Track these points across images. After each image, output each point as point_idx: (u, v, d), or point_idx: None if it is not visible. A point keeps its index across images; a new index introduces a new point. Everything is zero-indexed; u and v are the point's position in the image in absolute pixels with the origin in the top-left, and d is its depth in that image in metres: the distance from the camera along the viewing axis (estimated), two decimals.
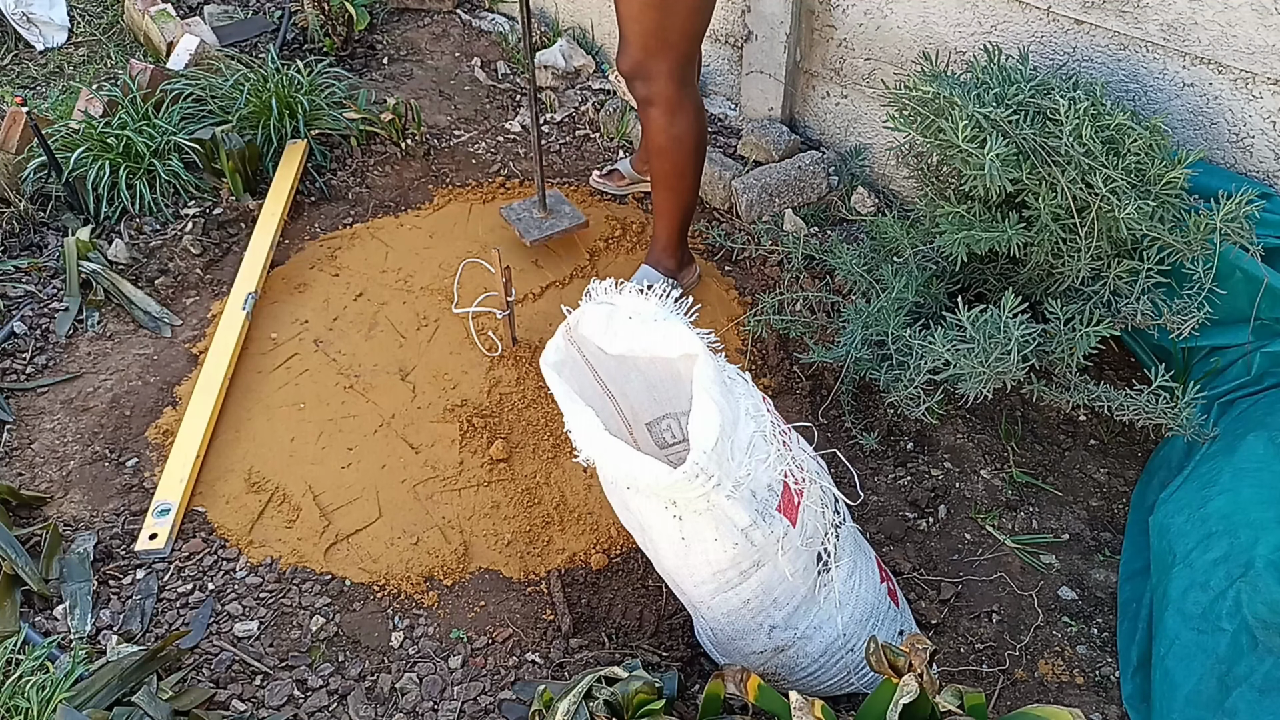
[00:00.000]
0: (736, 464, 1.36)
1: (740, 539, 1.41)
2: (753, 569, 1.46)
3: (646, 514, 1.43)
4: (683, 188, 2.27)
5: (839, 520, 1.59)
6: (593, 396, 1.56)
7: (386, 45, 3.25)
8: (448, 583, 1.89)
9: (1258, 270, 1.87)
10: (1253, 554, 1.56)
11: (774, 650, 1.57)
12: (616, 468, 1.34)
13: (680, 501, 1.35)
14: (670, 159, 2.20)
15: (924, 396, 1.88)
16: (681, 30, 2.03)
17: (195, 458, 2.03)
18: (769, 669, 1.59)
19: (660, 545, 1.47)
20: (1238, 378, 1.96)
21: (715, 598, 1.51)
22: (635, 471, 1.31)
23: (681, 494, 1.32)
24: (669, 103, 2.10)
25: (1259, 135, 1.95)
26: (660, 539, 1.45)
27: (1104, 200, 1.72)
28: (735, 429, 1.38)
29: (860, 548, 1.66)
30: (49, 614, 1.79)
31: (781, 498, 1.45)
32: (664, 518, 1.40)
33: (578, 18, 3.23)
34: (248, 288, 2.37)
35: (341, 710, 1.69)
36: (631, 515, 1.52)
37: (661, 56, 2.04)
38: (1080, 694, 1.74)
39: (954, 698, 1.29)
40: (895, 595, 1.72)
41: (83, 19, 3.33)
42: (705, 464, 1.29)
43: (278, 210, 2.57)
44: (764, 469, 1.41)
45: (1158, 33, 1.98)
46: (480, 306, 2.38)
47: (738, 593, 1.50)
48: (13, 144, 2.60)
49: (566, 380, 1.43)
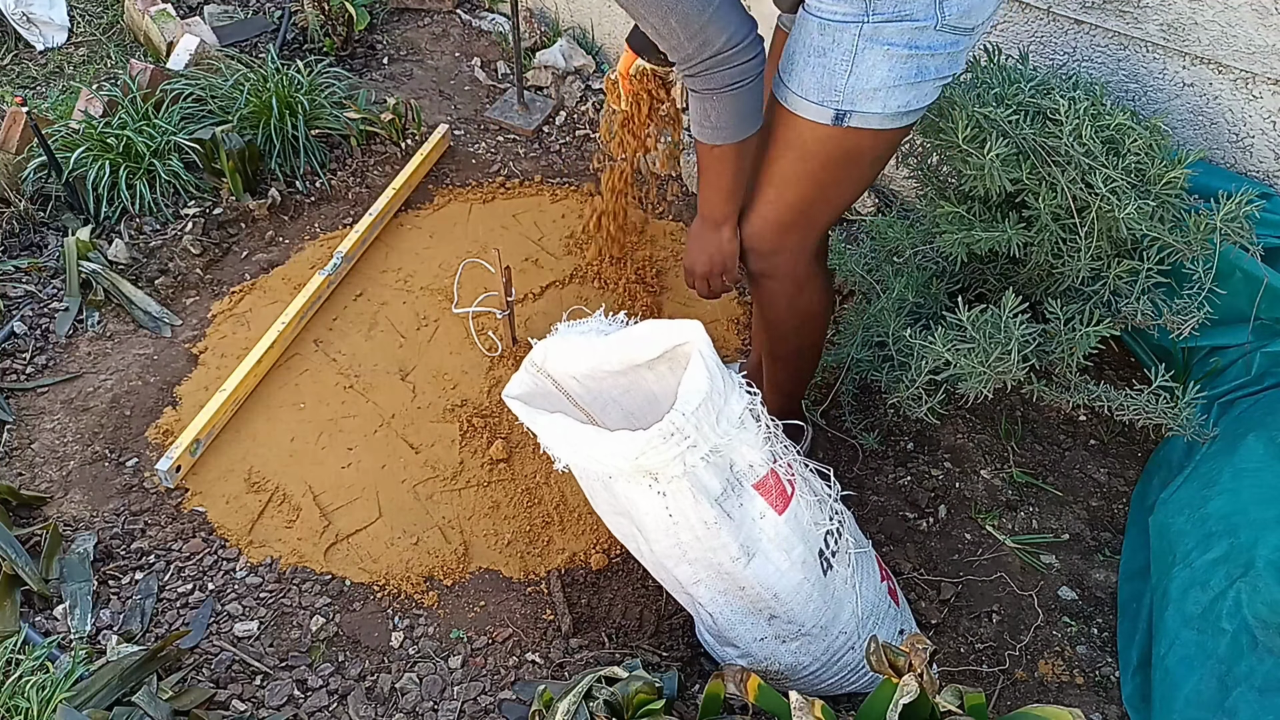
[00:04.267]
0: (720, 431, 1.36)
1: (716, 511, 1.40)
2: (743, 557, 1.46)
3: (635, 503, 1.43)
4: (804, 365, 1.91)
5: (837, 521, 1.59)
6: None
7: (386, 45, 3.25)
8: (448, 583, 1.89)
9: (1258, 270, 1.87)
10: (1253, 554, 1.56)
11: (775, 639, 1.57)
12: (593, 456, 1.35)
13: (659, 472, 1.35)
14: (793, 338, 1.82)
15: (926, 397, 1.88)
16: (835, 206, 1.61)
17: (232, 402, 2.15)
18: (771, 663, 1.59)
19: (652, 533, 1.47)
20: (1238, 378, 1.96)
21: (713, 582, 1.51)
22: (612, 449, 1.32)
23: (658, 457, 1.32)
24: (796, 279, 1.69)
25: (1259, 135, 1.95)
26: (651, 526, 1.45)
27: (1104, 200, 1.72)
28: (726, 401, 1.38)
29: (861, 547, 1.67)
30: (49, 614, 1.79)
31: (764, 480, 1.45)
32: (649, 499, 1.40)
33: (578, 18, 3.22)
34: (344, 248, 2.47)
35: (341, 710, 1.69)
36: (622, 519, 1.53)
37: (800, 233, 1.62)
38: (1080, 694, 1.74)
39: (954, 698, 1.29)
40: (895, 595, 1.72)
41: (83, 19, 3.33)
42: (682, 424, 1.29)
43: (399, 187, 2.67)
44: (749, 446, 1.42)
45: (1158, 33, 1.98)
46: (480, 306, 2.38)
47: (733, 579, 1.50)
48: (13, 144, 2.60)
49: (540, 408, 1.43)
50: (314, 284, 2.37)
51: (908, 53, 1.40)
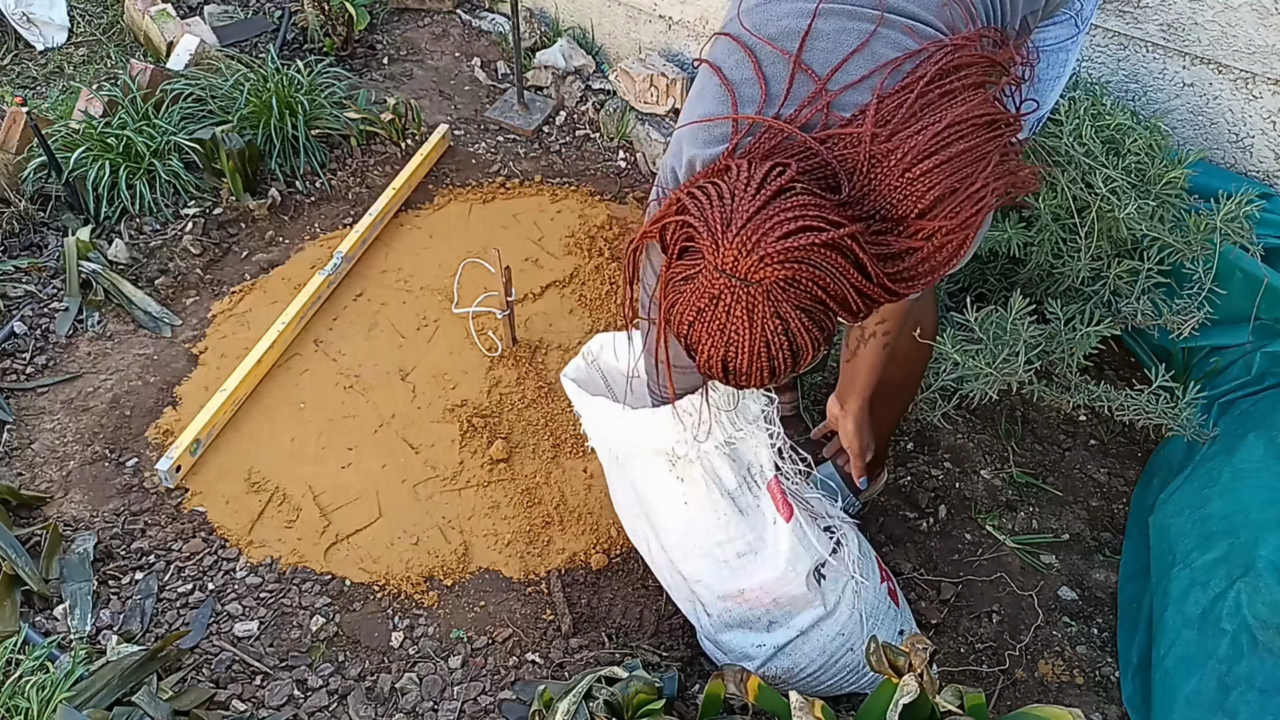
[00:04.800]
0: (736, 426, 1.44)
1: (729, 506, 1.47)
2: (749, 553, 1.48)
3: (650, 488, 1.49)
4: (905, 400, 1.77)
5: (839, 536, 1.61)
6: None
7: (386, 45, 3.25)
8: (448, 583, 1.89)
9: (1258, 270, 1.87)
10: (1253, 554, 1.56)
11: (773, 648, 1.58)
12: (616, 430, 1.47)
13: (678, 453, 1.43)
14: (899, 373, 1.64)
15: (941, 401, 1.88)
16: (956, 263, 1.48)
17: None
18: (769, 671, 1.60)
19: (664, 522, 1.51)
20: (1238, 378, 1.96)
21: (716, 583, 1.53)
22: (636, 424, 1.43)
23: (676, 437, 1.40)
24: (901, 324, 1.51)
25: (1259, 135, 1.95)
26: (664, 514, 1.50)
27: (1104, 200, 1.72)
28: (743, 397, 1.45)
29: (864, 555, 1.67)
30: (49, 614, 1.79)
31: (770, 485, 1.49)
32: (666, 483, 1.47)
33: (578, 18, 3.22)
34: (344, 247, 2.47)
35: (341, 710, 1.69)
36: (638, 520, 1.55)
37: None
38: (1080, 694, 1.74)
39: (954, 698, 1.29)
40: (895, 595, 1.72)
41: (83, 19, 3.33)
42: (692, 408, 1.37)
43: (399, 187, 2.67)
44: (765, 447, 1.48)
45: (1158, 33, 1.98)
46: (480, 306, 2.38)
47: (735, 580, 1.51)
48: (13, 144, 2.60)
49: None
50: (314, 284, 2.37)
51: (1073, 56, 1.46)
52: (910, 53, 1.10)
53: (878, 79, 1.08)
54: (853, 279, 1.00)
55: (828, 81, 1.09)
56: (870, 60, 1.10)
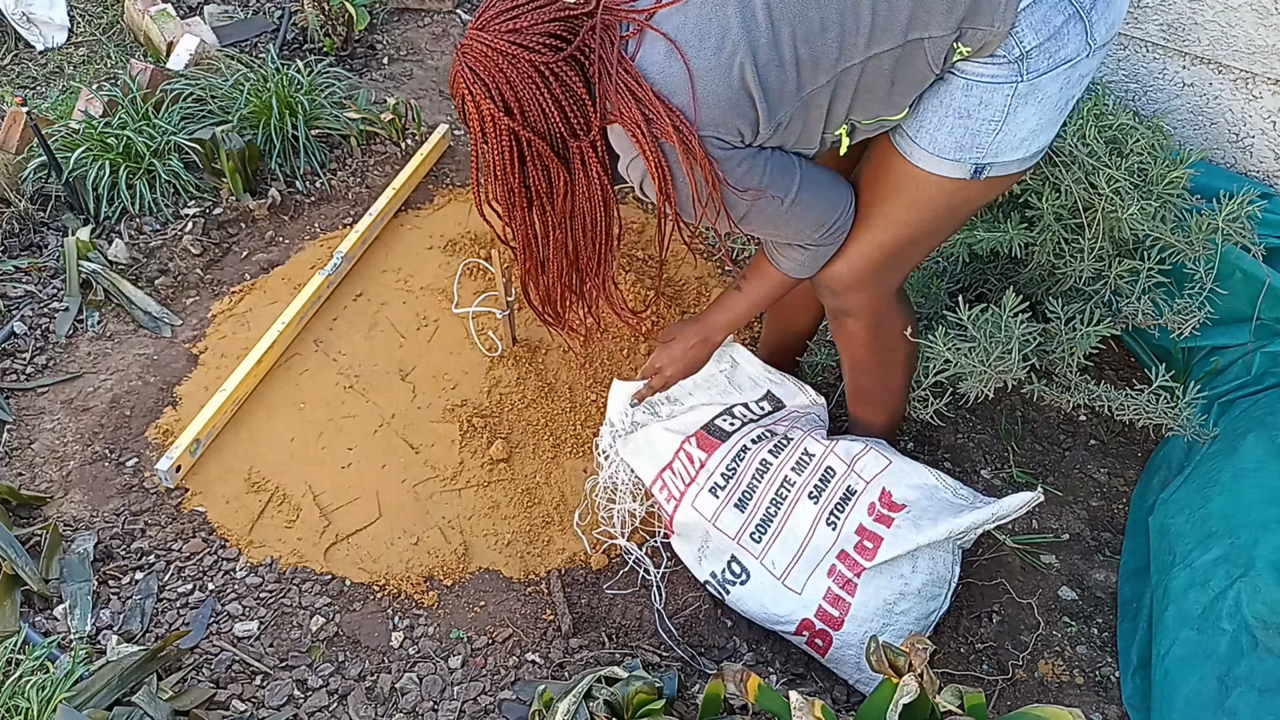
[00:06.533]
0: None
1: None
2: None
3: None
4: (894, 404, 1.89)
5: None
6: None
7: (386, 45, 3.25)
8: (448, 583, 1.89)
9: (1258, 270, 1.87)
10: (1253, 554, 1.56)
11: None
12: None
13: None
14: (876, 374, 1.81)
15: (932, 399, 1.88)
16: (930, 249, 1.61)
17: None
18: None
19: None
20: (1238, 378, 1.96)
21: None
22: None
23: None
24: (876, 315, 1.67)
25: (1259, 135, 1.95)
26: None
27: (1107, 200, 1.72)
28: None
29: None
30: (49, 614, 1.79)
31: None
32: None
33: None
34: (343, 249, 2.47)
35: (341, 710, 1.69)
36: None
37: (889, 274, 1.60)
38: (1080, 694, 1.74)
39: (954, 698, 1.30)
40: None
41: (83, 19, 3.33)
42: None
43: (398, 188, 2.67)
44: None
45: (1158, 33, 1.98)
46: (480, 306, 2.38)
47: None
48: (13, 144, 2.60)
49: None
50: (314, 284, 2.37)
51: (1060, 94, 1.36)
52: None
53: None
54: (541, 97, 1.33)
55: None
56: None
